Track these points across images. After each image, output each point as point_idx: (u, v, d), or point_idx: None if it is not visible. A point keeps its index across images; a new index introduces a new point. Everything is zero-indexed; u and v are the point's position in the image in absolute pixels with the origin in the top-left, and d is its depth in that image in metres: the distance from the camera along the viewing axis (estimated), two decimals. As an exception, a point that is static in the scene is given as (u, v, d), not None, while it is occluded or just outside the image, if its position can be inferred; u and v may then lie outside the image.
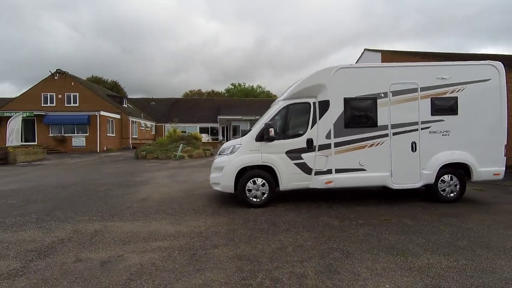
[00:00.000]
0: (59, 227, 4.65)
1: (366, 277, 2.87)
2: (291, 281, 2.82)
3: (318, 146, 5.60)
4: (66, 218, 5.11)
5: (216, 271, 3.05)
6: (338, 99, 5.58)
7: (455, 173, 5.80)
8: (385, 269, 3.04)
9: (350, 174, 5.63)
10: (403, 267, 3.07)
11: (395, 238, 3.93)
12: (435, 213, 5.12)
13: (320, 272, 2.99)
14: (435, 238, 3.89)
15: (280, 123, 5.78)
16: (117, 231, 4.40)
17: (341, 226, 4.46)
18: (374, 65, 6.16)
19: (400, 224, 4.53)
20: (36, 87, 28.30)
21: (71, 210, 5.65)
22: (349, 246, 3.68)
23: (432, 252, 3.44)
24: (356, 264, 3.17)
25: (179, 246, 3.78)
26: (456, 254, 3.38)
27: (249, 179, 5.60)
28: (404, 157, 5.66)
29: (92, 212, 5.48)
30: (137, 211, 5.49)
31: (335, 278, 2.86)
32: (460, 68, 5.83)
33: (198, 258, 3.40)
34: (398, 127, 5.65)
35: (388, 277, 2.86)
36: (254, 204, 5.60)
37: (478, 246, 3.62)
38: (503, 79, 5.75)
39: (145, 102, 44.46)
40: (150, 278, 2.92)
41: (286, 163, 5.61)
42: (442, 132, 5.70)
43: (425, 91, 5.67)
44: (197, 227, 4.54)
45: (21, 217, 5.21)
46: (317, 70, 5.71)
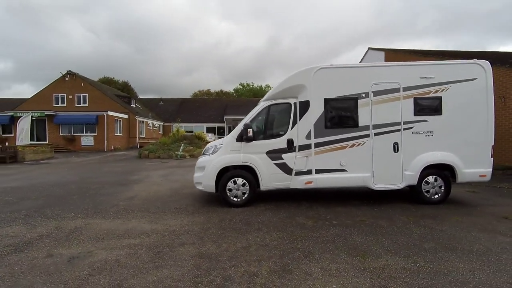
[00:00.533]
0: (43, 223, 4.85)
1: (316, 277, 2.90)
2: (242, 279, 2.88)
3: (299, 146, 5.62)
4: (53, 215, 5.32)
5: (173, 269, 3.14)
6: (319, 99, 5.58)
7: (439, 174, 5.70)
8: (339, 269, 3.06)
9: (330, 175, 5.63)
10: (358, 268, 3.08)
11: (363, 239, 3.93)
12: (414, 214, 5.06)
13: (274, 271, 3.04)
14: (403, 240, 3.87)
15: (261, 124, 5.82)
16: (95, 228, 4.56)
17: (313, 227, 4.48)
18: (355, 65, 6.11)
19: (373, 225, 4.51)
20: (48, 88, 29.31)
21: (60, 208, 5.88)
22: (313, 246, 3.70)
23: (393, 254, 3.43)
24: (312, 264, 3.20)
25: (149, 243, 3.89)
26: (417, 256, 3.35)
27: (230, 179, 5.67)
28: (386, 158, 5.60)
29: (79, 210, 5.69)
30: (121, 209, 5.66)
31: (285, 278, 2.90)
32: (445, 67, 5.72)
33: (162, 255, 3.50)
34: (380, 127, 5.60)
35: (338, 278, 2.88)
36: (235, 204, 5.67)
37: (444, 248, 3.58)
38: (490, 78, 5.61)
39: (154, 102, 45.25)
40: (108, 274, 3.04)
41: (266, 163, 5.65)
42: (426, 133, 5.61)
43: (408, 91, 5.60)
44: (173, 225, 4.66)
45: (11, 214, 5.47)
46: (297, 71, 5.72)
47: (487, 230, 4.24)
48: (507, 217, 4.86)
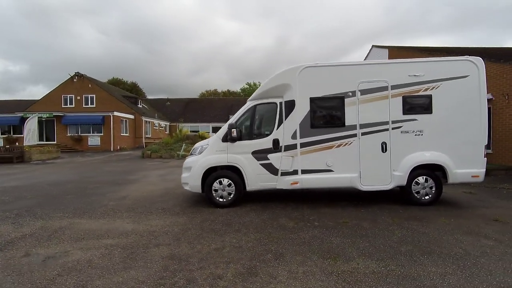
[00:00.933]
0: (30, 223, 4.95)
1: (280, 280, 2.85)
2: (205, 282, 2.87)
3: (284, 146, 5.56)
4: (42, 215, 5.43)
5: (141, 270, 3.15)
6: (304, 98, 5.51)
7: (430, 174, 5.54)
8: (306, 272, 3.01)
9: (316, 175, 5.55)
10: (325, 272, 3.02)
11: (340, 241, 3.85)
12: (401, 216, 4.94)
13: (239, 274, 3.01)
14: (381, 242, 3.77)
15: (247, 124, 5.79)
16: (79, 228, 4.63)
17: (293, 228, 4.42)
18: (341, 63, 5.98)
19: (355, 227, 4.42)
20: (57, 89, 30.02)
21: (51, 207, 5.99)
22: (286, 248, 3.65)
23: (366, 257, 3.35)
24: (281, 267, 3.15)
25: (125, 244, 3.92)
26: (390, 259, 3.26)
27: (216, 179, 5.67)
28: (373, 158, 5.49)
29: (69, 209, 5.79)
30: (109, 209, 5.73)
31: (249, 281, 2.87)
32: (435, 64, 5.56)
33: (134, 256, 3.52)
34: (367, 127, 5.49)
35: (302, 281, 2.83)
36: (220, 204, 5.66)
37: (421, 251, 3.47)
38: (482, 75, 5.41)
39: (161, 102, 45.74)
40: (76, 275, 3.07)
41: (252, 163, 5.62)
42: (415, 132, 5.47)
43: (397, 89, 5.46)
44: (154, 226, 4.68)
45: (3, 213, 5.60)
46: (282, 70, 5.66)
47: (472, 233, 4.10)
48: (497, 219, 4.68)
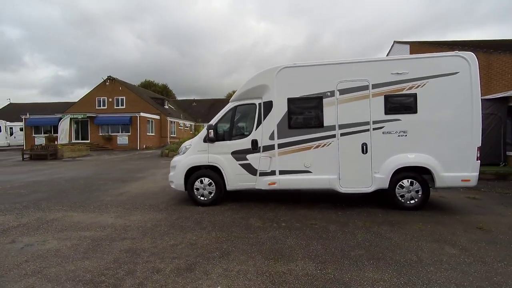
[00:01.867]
0: (31, 214, 5.54)
1: (211, 277, 2.96)
2: (143, 274, 3.06)
3: (263, 147, 5.61)
4: (44, 207, 6.03)
5: (94, 260, 3.43)
6: (282, 99, 5.51)
7: (416, 178, 5.26)
8: (239, 271, 3.08)
9: (294, 176, 5.52)
10: (259, 271, 3.06)
11: (294, 242, 3.85)
12: (376, 220, 4.76)
13: (178, 269, 3.17)
14: (335, 246, 3.71)
15: (228, 124, 5.91)
16: (68, 220, 5.09)
17: (258, 228, 4.48)
18: (320, 62, 5.82)
19: (320, 229, 4.36)
20: (92, 92, 32.51)
21: (56, 201, 6.62)
22: (237, 247, 3.74)
23: (310, 259, 3.33)
24: (220, 264, 3.25)
25: (97, 236, 4.26)
26: (332, 263, 3.21)
27: (197, 178, 5.88)
28: (353, 160, 5.33)
29: (69, 203, 6.36)
30: (103, 204, 6.20)
31: (182, 276, 3.01)
32: (420, 61, 5.24)
33: (97, 248, 3.83)
34: (347, 127, 5.34)
35: (231, 279, 2.91)
36: (201, 203, 5.86)
37: (370, 257, 3.36)
38: (474, 71, 5.01)
39: (187, 103, 47.53)
40: (39, 262, 3.44)
41: (231, 163, 5.74)
42: (398, 133, 5.22)
43: (378, 88, 5.25)
44: (132, 221, 5.00)
45: (14, 204, 6.31)
46: (260, 71, 5.70)
47: (442, 240, 3.86)
48: (481, 227, 4.34)
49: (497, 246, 3.65)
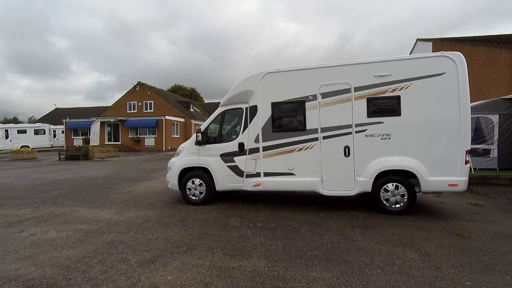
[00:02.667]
0: (45, 208, 6.27)
1: (167, 269, 3.26)
2: (112, 263, 3.44)
3: (248, 150, 5.83)
4: (59, 202, 6.78)
5: (78, 250, 3.90)
6: (266, 103, 5.69)
7: (402, 181, 5.15)
8: (195, 265, 3.34)
9: (278, 178, 5.67)
10: (213, 266, 3.30)
11: (259, 241, 4.03)
12: (353, 223, 4.77)
13: (142, 260, 3.51)
14: (296, 246, 3.83)
15: (217, 128, 6.21)
16: (73, 215, 5.72)
17: (233, 227, 4.72)
18: (302, 67, 5.85)
19: (292, 230, 4.49)
20: (124, 97, 34.80)
21: (71, 197, 7.38)
22: (204, 243, 4.01)
23: (264, 257, 3.50)
24: (181, 258, 3.54)
25: (90, 229, 4.78)
26: (284, 261, 3.36)
27: (189, 178, 6.25)
28: (336, 163, 5.36)
29: (80, 199, 7.07)
30: (108, 202, 6.81)
31: (143, 266, 3.35)
32: (404, 63, 5.13)
33: (85, 239, 4.31)
34: (329, 130, 5.39)
35: (184, 271, 3.18)
36: (193, 202, 6.23)
37: (323, 257, 3.45)
38: (462, 72, 4.82)
39: (213, 106, 48.82)
40: (34, 249, 3.98)
41: (220, 165, 6.03)
42: (381, 136, 5.16)
43: (360, 91, 5.24)
44: (126, 217, 5.49)
45: (36, 199, 7.16)
46: (246, 77, 5.93)
47: (408, 245, 3.81)
48: (460, 233, 4.18)
49: (464, 253, 3.54)
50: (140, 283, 2.97)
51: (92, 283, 2.98)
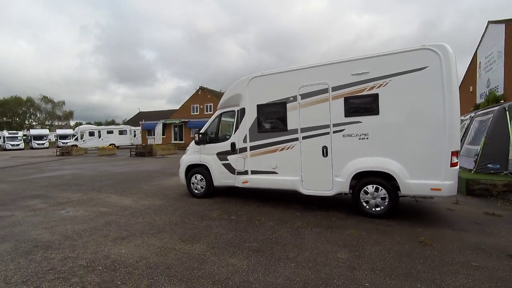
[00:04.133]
0: (89, 194, 7.90)
1: (129, 245, 4.04)
2: (95, 237, 4.41)
3: (239, 149, 6.31)
4: (102, 190, 8.40)
5: (85, 224, 5.03)
6: (252, 106, 6.06)
7: (383, 183, 4.92)
8: (150, 244, 4.03)
9: (262, 176, 6.00)
10: (162, 247, 3.94)
11: (216, 231, 4.51)
12: (320, 223, 4.81)
13: (117, 237, 4.37)
14: (243, 237, 4.19)
15: (214, 129, 6.84)
16: (104, 200, 7.12)
17: (208, 218, 5.28)
18: (284, 69, 5.87)
19: (256, 224, 4.82)
20: (188, 100, 38.54)
21: (113, 187, 9.03)
22: (173, 228, 4.69)
23: (208, 244, 3.97)
24: (144, 238, 4.29)
25: (105, 211, 5.98)
26: (218, 249, 3.78)
27: (193, 174, 7.06)
28: (314, 162, 5.42)
29: (118, 189, 8.61)
30: (136, 191, 8.14)
31: (114, 242, 4.19)
32: (382, 59, 4.86)
33: (95, 218, 5.47)
34: (308, 130, 5.47)
35: (139, 247, 3.91)
36: (195, 195, 7.02)
37: (257, 249, 3.74)
38: (448, 65, 4.36)
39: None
40: (59, 222, 5.28)
41: (216, 163, 6.67)
42: (359, 136, 5.02)
43: (338, 91, 5.18)
44: (139, 204, 6.58)
45: (88, 187, 8.99)
46: (235, 82, 6.39)
47: (349, 246, 3.78)
48: (423, 241, 3.88)
49: (402, 259, 3.36)
50: (101, 252, 3.81)
51: (72, 248, 3.96)
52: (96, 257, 3.64)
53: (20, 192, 8.46)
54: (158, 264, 3.39)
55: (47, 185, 9.65)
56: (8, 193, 8.30)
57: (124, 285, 2.94)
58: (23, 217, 5.68)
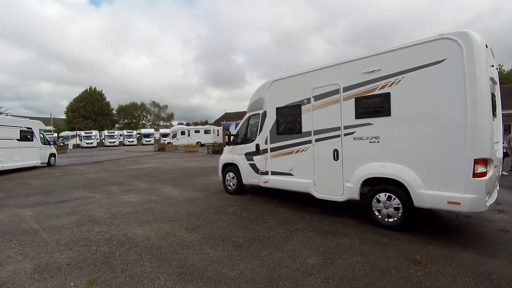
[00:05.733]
0: (153, 184, 9.49)
1: (145, 227, 4.92)
2: (127, 218, 5.49)
3: (262, 150, 6.60)
4: (163, 182, 9.97)
5: (128, 208, 6.26)
6: (272, 109, 6.25)
7: (397, 192, 4.45)
8: (159, 228, 4.81)
9: (280, 177, 6.12)
10: (168, 232, 4.65)
11: (221, 225, 4.97)
12: (321, 228, 4.71)
13: (142, 221, 5.35)
14: (236, 232, 4.52)
15: (244, 131, 7.28)
16: (159, 190, 8.50)
17: (224, 213, 5.78)
18: (299, 72, 5.59)
19: (259, 222, 5.06)
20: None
21: (174, 180, 10.54)
22: (187, 218, 5.38)
23: (206, 234, 4.47)
24: (160, 224, 5.11)
25: (152, 199, 7.21)
26: (212, 240, 4.24)
27: (227, 172, 7.72)
28: (326, 166, 5.27)
29: (175, 182, 10.03)
30: (188, 185, 9.34)
31: (135, 224, 5.16)
32: (394, 54, 4.33)
33: (141, 204, 6.69)
34: (320, 133, 5.34)
35: (148, 230, 4.74)
36: (228, 191, 7.65)
37: (238, 243, 4.02)
38: (471, 55, 3.65)
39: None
40: (116, 204, 6.71)
41: (244, 163, 7.12)
42: (370, 139, 4.65)
43: (349, 91, 4.90)
44: (181, 196, 7.65)
45: (157, 179, 10.76)
46: (258, 86, 6.66)
47: (329, 254, 3.66)
48: (417, 259, 3.42)
49: (374, 273, 3.10)
50: (124, 230, 4.79)
51: (109, 225, 5.09)
52: (118, 234, 4.62)
53: (111, 179, 10.84)
54: (153, 245, 4.09)
55: (131, 175, 12.00)
56: (103, 180, 10.77)
57: (119, 256, 3.73)
58: (98, 198, 7.42)
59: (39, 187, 9.48)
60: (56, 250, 4.03)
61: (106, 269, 3.40)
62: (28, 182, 10.68)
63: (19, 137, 13.96)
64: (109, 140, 49.42)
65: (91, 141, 46.52)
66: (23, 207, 6.65)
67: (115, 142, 50.14)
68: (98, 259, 3.69)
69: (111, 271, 3.34)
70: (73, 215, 5.85)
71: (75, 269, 3.43)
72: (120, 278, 3.18)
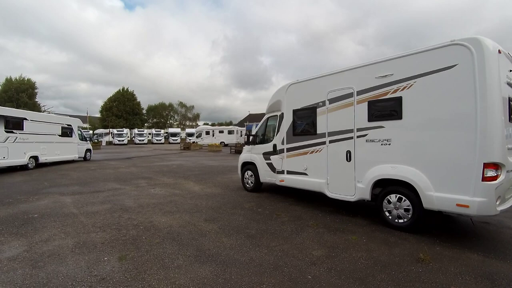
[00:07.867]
0: (176, 179, 10.12)
1: (165, 215, 5.41)
2: (152, 205, 6.03)
3: (278, 150, 6.89)
4: (187, 178, 10.57)
5: (151, 199, 6.82)
6: (289, 111, 6.53)
7: (407, 194, 4.56)
8: (180, 217, 5.27)
9: (295, 177, 6.38)
10: (186, 221, 5.10)
11: (235, 218, 5.33)
12: (331, 225, 4.91)
13: (165, 212, 5.85)
14: (251, 225, 4.85)
15: (262, 131, 7.61)
16: (182, 185, 9.07)
17: (240, 208, 6.14)
18: (316, 76, 5.75)
19: (273, 218, 5.35)
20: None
21: (196, 176, 11.12)
22: (206, 211, 5.80)
23: (218, 224, 4.85)
24: (176, 215, 5.57)
25: (175, 193, 7.76)
26: (227, 230, 4.61)
27: (245, 171, 8.09)
28: (339, 167, 5.46)
29: (199, 178, 10.59)
30: (209, 181, 9.85)
31: (158, 214, 5.67)
32: (407, 59, 4.44)
33: (165, 197, 7.25)
34: (334, 135, 5.54)
35: (169, 218, 5.21)
36: (247, 188, 8.02)
37: (250, 235, 4.35)
38: (482, 61, 3.72)
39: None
40: (145, 196, 7.32)
41: (262, 162, 7.45)
42: (382, 141, 4.79)
43: (362, 95, 5.07)
44: (203, 191, 8.14)
45: (181, 174, 11.40)
46: (277, 89, 6.95)
47: (335, 248, 3.88)
48: (421, 258, 3.55)
49: (375, 267, 3.29)
50: (149, 218, 5.30)
51: (137, 213, 5.64)
52: (144, 221, 5.14)
53: (139, 174, 11.65)
54: (175, 232, 4.54)
55: (158, 171, 12.77)
56: (132, 174, 11.60)
57: (145, 239, 4.21)
58: (128, 190, 8.10)
59: (77, 178, 10.45)
60: (92, 231, 4.60)
61: (133, 248, 3.88)
62: (68, 174, 11.78)
63: (60, 133, 15.35)
64: (138, 138, 51.75)
65: (123, 139, 49.10)
66: (64, 195, 7.46)
67: (144, 140, 52.41)
68: (127, 240, 4.19)
69: (137, 251, 3.81)
70: (106, 203, 6.51)
71: (108, 247, 3.94)
72: (145, 256, 3.63)
